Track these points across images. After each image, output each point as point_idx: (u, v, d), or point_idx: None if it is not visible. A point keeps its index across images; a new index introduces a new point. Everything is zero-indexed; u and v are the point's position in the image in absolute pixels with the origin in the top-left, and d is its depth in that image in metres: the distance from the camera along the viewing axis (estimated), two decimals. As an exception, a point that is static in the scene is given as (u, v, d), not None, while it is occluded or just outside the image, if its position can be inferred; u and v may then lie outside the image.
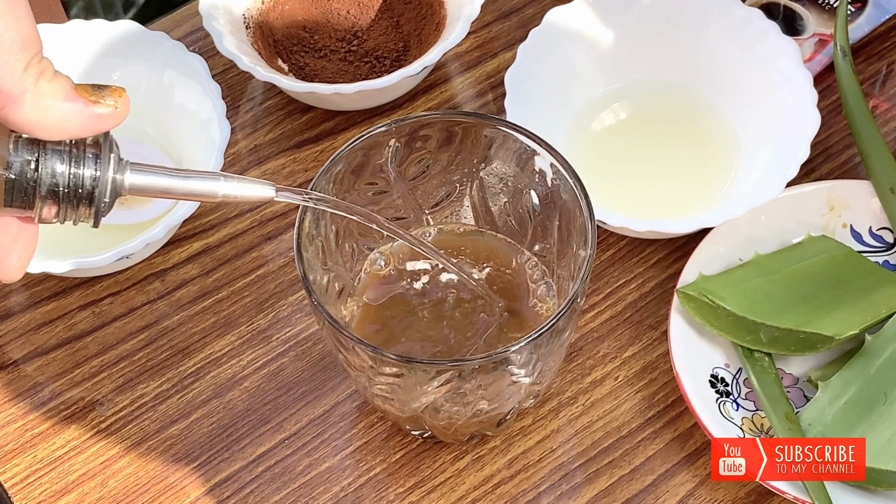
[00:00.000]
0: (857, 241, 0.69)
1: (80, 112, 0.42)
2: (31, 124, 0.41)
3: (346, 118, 0.77)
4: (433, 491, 0.63)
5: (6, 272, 0.44)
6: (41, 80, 0.41)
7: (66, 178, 0.42)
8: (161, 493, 0.63)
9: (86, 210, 0.43)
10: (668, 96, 0.74)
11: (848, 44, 0.72)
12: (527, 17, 0.80)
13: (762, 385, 0.63)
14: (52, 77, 0.41)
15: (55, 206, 0.43)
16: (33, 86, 0.40)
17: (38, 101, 0.40)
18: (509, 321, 0.60)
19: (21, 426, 0.65)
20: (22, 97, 0.40)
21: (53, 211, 0.43)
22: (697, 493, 0.62)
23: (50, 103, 0.41)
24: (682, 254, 0.69)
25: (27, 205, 0.42)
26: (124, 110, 0.42)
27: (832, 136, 0.75)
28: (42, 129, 0.41)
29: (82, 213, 0.44)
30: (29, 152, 0.42)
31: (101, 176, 0.43)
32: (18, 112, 0.40)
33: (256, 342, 0.68)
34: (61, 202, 0.43)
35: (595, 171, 0.68)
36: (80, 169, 0.43)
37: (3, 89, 0.40)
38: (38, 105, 0.40)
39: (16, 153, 0.41)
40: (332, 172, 0.58)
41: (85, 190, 0.43)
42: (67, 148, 0.42)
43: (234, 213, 0.73)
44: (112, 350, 0.68)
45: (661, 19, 0.74)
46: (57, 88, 0.41)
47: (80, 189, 0.43)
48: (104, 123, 0.42)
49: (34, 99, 0.40)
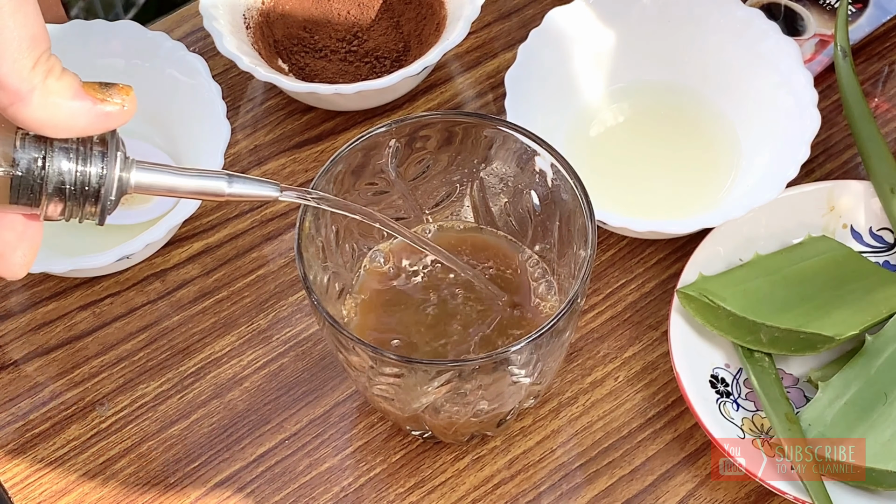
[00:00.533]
0: (857, 241, 0.69)
1: (88, 110, 0.42)
2: (39, 122, 0.41)
3: (347, 118, 0.77)
4: (433, 491, 0.63)
5: (11, 269, 0.44)
6: (49, 77, 0.41)
7: (73, 176, 0.42)
8: (161, 493, 0.63)
9: (91, 208, 0.44)
10: (668, 97, 0.74)
11: (848, 44, 0.72)
12: (527, 17, 0.80)
13: (762, 385, 0.63)
14: (60, 75, 0.41)
15: (61, 203, 0.43)
16: (41, 83, 0.40)
17: (46, 99, 0.41)
18: (510, 318, 0.60)
19: (21, 426, 0.65)
20: (30, 95, 0.40)
21: (59, 208, 0.43)
22: (697, 493, 0.62)
23: (58, 101, 0.41)
24: (683, 254, 0.69)
25: (33, 202, 0.42)
26: (132, 109, 0.43)
27: (832, 136, 0.75)
28: (50, 126, 0.41)
29: (88, 210, 0.44)
30: (36, 150, 0.42)
31: (107, 174, 0.43)
32: (26, 110, 0.40)
33: (257, 342, 0.68)
34: (67, 200, 0.43)
35: (595, 171, 0.68)
36: (86, 167, 0.43)
37: (12, 87, 0.40)
38: (45, 103, 0.41)
39: (23, 150, 0.42)
40: (332, 173, 0.58)
41: (91, 188, 0.43)
42: (74, 146, 0.42)
43: (235, 214, 0.73)
44: (112, 350, 0.68)
45: (661, 19, 0.74)
46: (65, 86, 0.41)
47: (86, 187, 0.43)
48: (111, 122, 0.42)
49: (42, 97, 0.40)
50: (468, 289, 0.61)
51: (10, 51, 0.40)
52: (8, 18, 0.39)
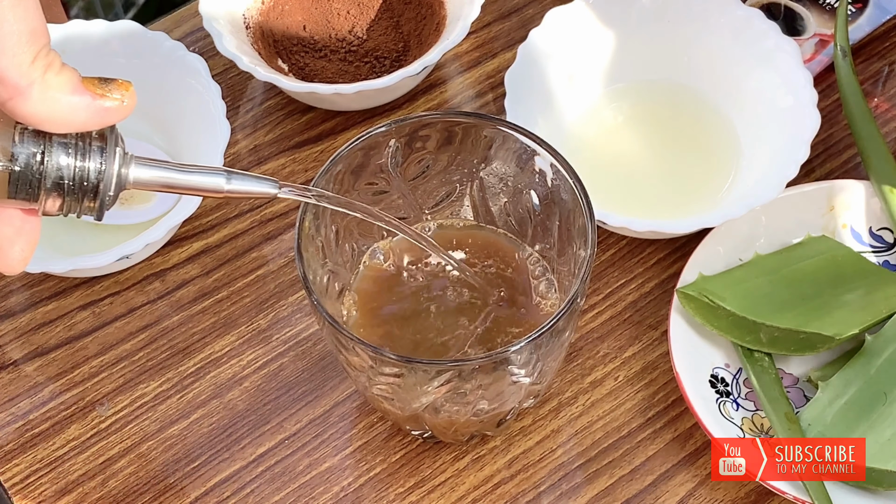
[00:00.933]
0: (857, 241, 0.69)
1: (87, 105, 0.41)
2: (38, 117, 0.41)
3: (346, 118, 0.77)
4: (433, 491, 0.63)
5: (9, 264, 0.44)
6: (49, 72, 0.41)
7: (72, 171, 0.42)
8: (161, 493, 0.63)
9: (90, 203, 0.43)
10: (668, 96, 0.74)
11: (848, 44, 0.72)
12: (527, 17, 0.80)
13: (762, 385, 0.63)
14: (59, 70, 0.41)
15: (60, 198, 0.43)
16: (40, 78, 0.40)
17: (46, 94, 0.40)
18: (511, 316, 0.60)
19: (21, 426, 0.65)
20: (29, 89, 0.40)
21: (58, 204, 0.43)
22: (697, 493, 0.62)
23: (57, 96, 0.41)
24: (682, 254, 0.69)
25: (32, 197, 0.42)
26: (131, 104, 0.42)
27: (832, 136, 0.75)
28: (49, 121, 0.41)
29: (86, 206, 0.44)
30: (35, 144, 0.42)
31: (106, 169, 0.43)
32: (26, 104, 0.40)
33: (256, 342, 0.68)
34: (66, 195, 0.43)
35: (595, 171, 0.68)
36: (85, 162, 0.43)
37: (11, 81, 0.40)
38: (45, 97, 0.40)
39: (21, 145, 0.41)
40: (332, 173, 0.58)
41: (90, 183, 0.43)
42: (73, 141, 0.42)
43: (235, 213, 0.73)
44: (112, 350, 0.68)
45: (661, 19, 0.74)
46: (64, 81, 0.41)
47: (85, 182, 0.43)
48: (111, 117, 0.42)
49: (41, 91, 0.40)
50: (468, 287, 0.61)
51: (10, 45, 0.39)
52: (8, 12, 0.39)
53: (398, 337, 0.60)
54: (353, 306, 0.61)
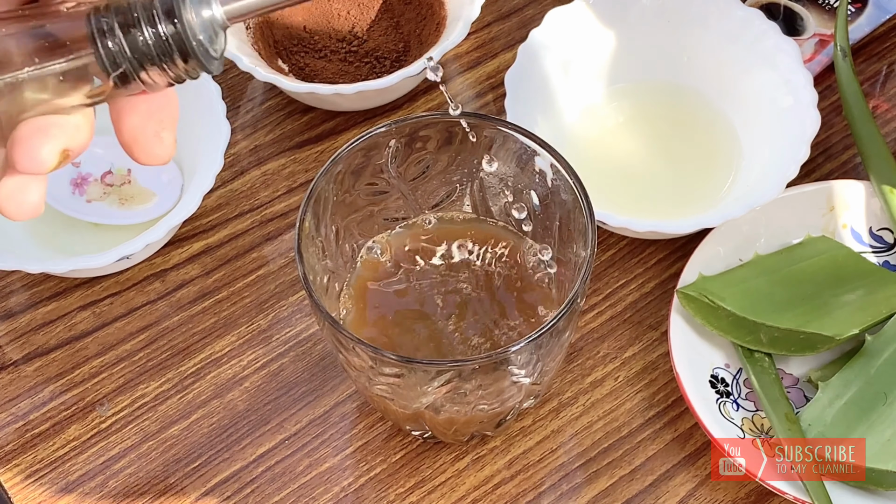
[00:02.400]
0: (857, 241, 0.69)
1: None
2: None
3: (347, 119, 0.77)
4: (433, 491, 0.63)
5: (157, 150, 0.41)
6: None
7: (151, 37, 0.39)
8: (161, 493, 0.63)
9: (189, 63, 0.40)
10: (668, 96, 0.74)
11: (848, 44, 0.72)
12: (527, 18, 0.80)
13: (762, 385, 0.63)
14: None
15: (156, 67, 0.39)
16: None
17: None
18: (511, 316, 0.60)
19: (21, 426, 0.65)
20: None
21: (159, 74, 0.40)
22: (697, 493, 0.62)
23: None
24: (682, 254, 0.69)
25: (131, 77, 0.39)
26: None
27: (832, 136, 0.75)
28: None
29: (191, 65, 0.40)
30: (104, 23, 0.39)
31: (182, 21, 0.39)
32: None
33: (256, 342, 0.68)
34: (160, 61, 0.39)
35: (595, 171, 0.68)
36: (157, 24, 0.39)
37: None
38: None
39: (97, 23, 0.40)
40: (332, 173, 0.58)
41: (174, 41, 0.39)
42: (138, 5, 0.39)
43: (235, 213, 0.73)
44: (112, 350, 0.68)
45: (661, 19, 0.74)
46: None
47: (168, 41, 0.39)
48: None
49: None
50: (468, 282, 0.61)
51: None
52: None
53: (395, 335, 0.60)
54: (349, 302, 0.61)
